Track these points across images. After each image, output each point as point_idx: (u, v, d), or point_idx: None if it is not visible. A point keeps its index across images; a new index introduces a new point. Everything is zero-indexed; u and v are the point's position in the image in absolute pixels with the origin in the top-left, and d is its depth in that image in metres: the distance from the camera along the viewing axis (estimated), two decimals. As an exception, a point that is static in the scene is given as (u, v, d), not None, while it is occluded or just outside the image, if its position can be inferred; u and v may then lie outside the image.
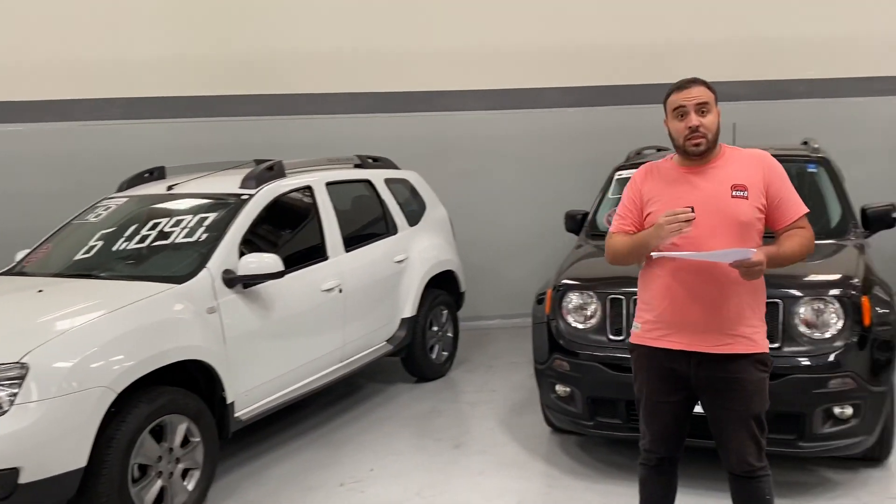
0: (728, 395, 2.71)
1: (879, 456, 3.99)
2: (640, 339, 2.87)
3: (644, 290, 2.88)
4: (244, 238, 4.32)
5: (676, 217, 2.58)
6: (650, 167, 2.90)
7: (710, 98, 2.72)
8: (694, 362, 2.73)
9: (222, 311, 3.99)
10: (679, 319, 2.73)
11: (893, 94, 7.83)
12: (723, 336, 2.69)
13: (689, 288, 2.69)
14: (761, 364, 2.74)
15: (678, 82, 2.78)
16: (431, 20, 7.49)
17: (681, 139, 2.72)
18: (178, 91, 7.23)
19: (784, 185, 2.76)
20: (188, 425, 3.73)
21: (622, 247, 2.85)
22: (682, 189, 2.74)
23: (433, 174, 7.02)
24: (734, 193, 2.67)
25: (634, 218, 2.86)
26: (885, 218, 4.64)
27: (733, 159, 2.77)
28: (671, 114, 2.75)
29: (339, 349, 4.91)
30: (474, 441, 4.70)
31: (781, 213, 2.75)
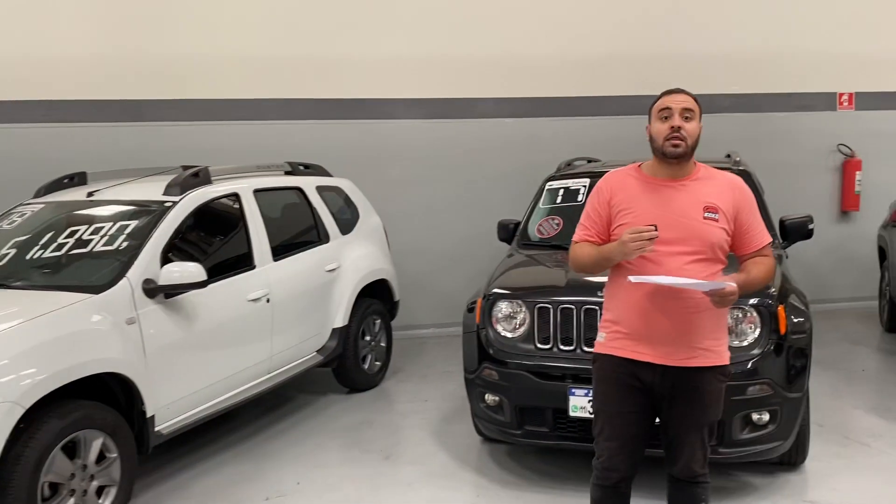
0: (688, 404, 2.74)
1: (796, 460, 4.11)
2: (605, 348, 2.83)
3: (610, 300, 2.85)
4: (167, 246, 4.19)
5: (640, 235, 2.56)
6: (617, 176, 2.86)
7: (695, 108, 2.73)
8: (659, 372, 2.72)
9: (142, 322, 3.87)
10: (647, 331, 2.71)
11: (814, 110, 8.16)
12: (689, 349, 2.69)
13: (658, 300, 2.68)
14: (723, 375, 2.79)
15: (665, 90, 2.79)
16: (369, 27, 7.45)
17: (661, 139, 2.69)
18: (104, 94, 7.01)
19: (753, 213, 2.80)
20: (104, 440, 3.59)
21: (587, 258, 2.82)
22: (654, 201, 2.72)
23: (368, 182, 6.98)
24: (706, 215, 2.68)
25: (599, 228, 2.83)
26: (802, 229, 4.82)
27: (708, 178, 2.78)
28: (656, 116, 2.74)
29: (266, 360, 4.81)
30: (404, 452, 4.66)
31: (748, 239, 2.78)
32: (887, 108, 8.17)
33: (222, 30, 7.21)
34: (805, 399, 3.85)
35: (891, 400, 5.29)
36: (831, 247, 8.25)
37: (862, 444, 4.51)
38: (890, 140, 8.09)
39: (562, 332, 3.92)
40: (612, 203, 2.80)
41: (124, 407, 3.83)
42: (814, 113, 8.14)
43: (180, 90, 7.19)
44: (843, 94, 8.20)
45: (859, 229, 8.16)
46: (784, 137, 8.07)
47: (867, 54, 8.09)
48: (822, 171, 8.23)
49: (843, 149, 8.16)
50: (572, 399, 3.79)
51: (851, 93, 8.19)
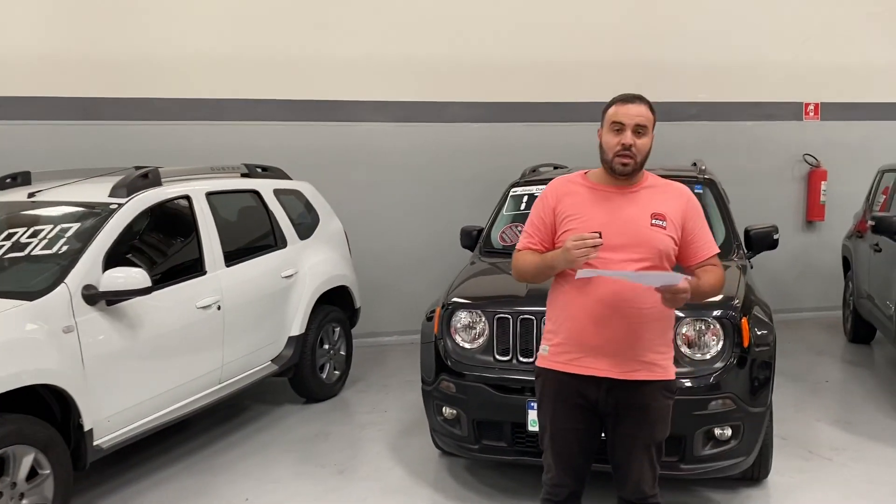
0: (634, 422, 2.66)
1: (759, 475, 4.03)
2: (548, 362, 2.73)
3: (553, 311, 2.76)
4: (112, 251, 3.99)
5: (584, 242, 2.48)
6: (563, 184, 2.77)
7: (649, 122, 2.64)
8: (604, 388, 2.64)
9: (81, 331, 3.67)
10: (591, 343, 2.62)
11: (781, 120, 8.16)
12: (634, 362, 2.62)
13: (603, 311, 2.58)
14: (668, 391, 2.70)
15: (623, 95, 2.67)
16: (335, 28, 7.30)
17: (610, 154, 2.62)
18: (57, 91, 6.77)
19: (700, 223, 2.74)
20: (36, 456, 3.39)
21: (530, 266, 2.72)
22: (601, 209, 2.65)
23: (332, 186, 6.82)
24: (653, 222, 2.62)
25: (543, 236, 2.74)
26: (767, 239, 4.76)
27: (655, 187, 2.72)
28: (608, 127, 2.65)
29: (217, 370, 4.63)
30: (360, 466, 4.50)
31: (694, 249, 2.72)
32: (853, 119, 8.20)
33: (184, 27, 7.00)
34: (768, 413, 3.77)
35: (853, 412, 5.26)
36: (797, 256, 8.26)
37: (824, 458, 4.45)
38: (855, 150, 8.11)
39: (521, 344, 3.80)
40: (556, 210, 2.71)
41: (60, 420, 3.63)
42: (780, 122, 8.15)
43: (140, 88, 6.97)
44: (809, 104, 8.22)
45: (825, 239, 8.18)
46: (751, 146, 8.07)
47: (833, 65, 8.12)
48: (788, 181, 8.24)
49: (809, 159, 8.17)
50: (531, 413, 3.67)
51: (818, 103, 8.21)
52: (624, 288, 2.55)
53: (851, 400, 5.57)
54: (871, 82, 8.20)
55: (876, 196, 6.83)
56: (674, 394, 2.74)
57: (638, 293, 2.55)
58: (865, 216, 6.64)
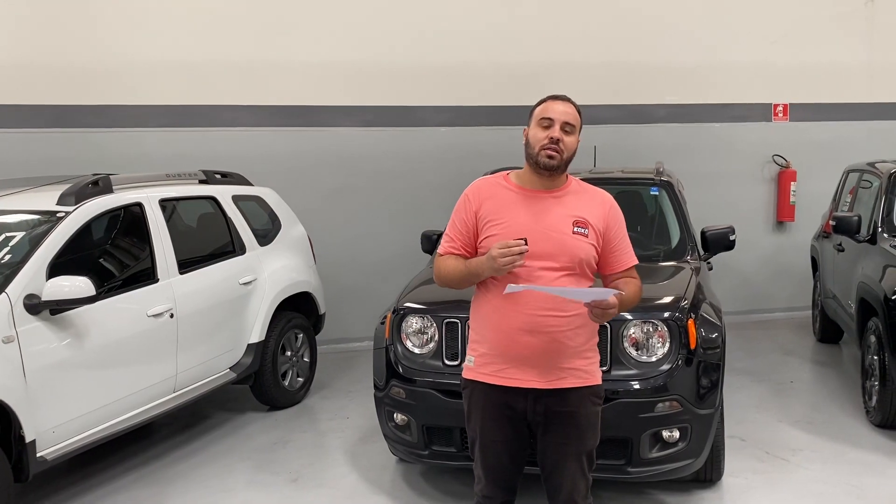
0: (563, 431, 2.62)
1: (712, 477, 4.02)
2: (474, 374, 2.68)
3: (477, 321, 2.70)
4: (58, 260, 3.94)
5: (510, 250, 2.43)
6: (484, 185, 2.71)
7: (577, 122, 2.63)
8: (531, 398, 2.60)
9: (22, 341, 3.62)
10: (515, 353, 2.57)
11: (750, 121, 8.18)
12: (559, 370, 2.58)
13: (527, 320, 2.54)
14: (595, 397, 2.67)
15: (551, 95, 2.68)
16: (298, 34, 7.27)
17: (537, 147, 2.58)
18: (21, 99, 6.72)
19: (621, 233, 2.72)
20: (-28, 469, 3.34)
21: (454, 272, 2.66)
22: (523, 213, 2.59)
23: (300, 191, 6.80)
24: (575, 230, 2.59)
25: (465, 240, 2.67)
26: (724, 240, 4.74)
27: (579, 193, 2.69)
28: (536, 122, 2.62)
29: (171, 378, 4.58)
30: (315, 474, 4.46)
31: (615, 258, 2.69)
32: (821, 120, 8.22)
33: (148, 33, 6.96)
34: (718, 414, 3.75)
35: (815, 412, 5.25)
36: (767, 257, 8.28)
37: (781, 458, 4.44)
38: (824, 151, 8.12)
39: (470, 348, 3.77)
40: (479, 214, 2.65)
41: (0, 432, 3.58)
42: (749, 123, 8.16)
43: (104, 96, 6.93)
44: (778, 105, 8.23)
45: (795, 240, 8.18)
46: (720, 148, 8.07)
47: (801, 66, 8.14)
48: (758, 182, 8.25)
49: (779, 159, 8.19)
50: (478, 417, 3.64)
51: (786, 104, 8.23)
52: (547, 296, 2.51)
53: (815, 400, 5.56)
54: (838, 83, 8.23)
55: (842, 196, 6.85)
56: (601, 399, 2.71)
57: (561, 302, 2.53)
58: (831, 216, 6.66)
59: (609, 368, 3.58)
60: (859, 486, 4.06)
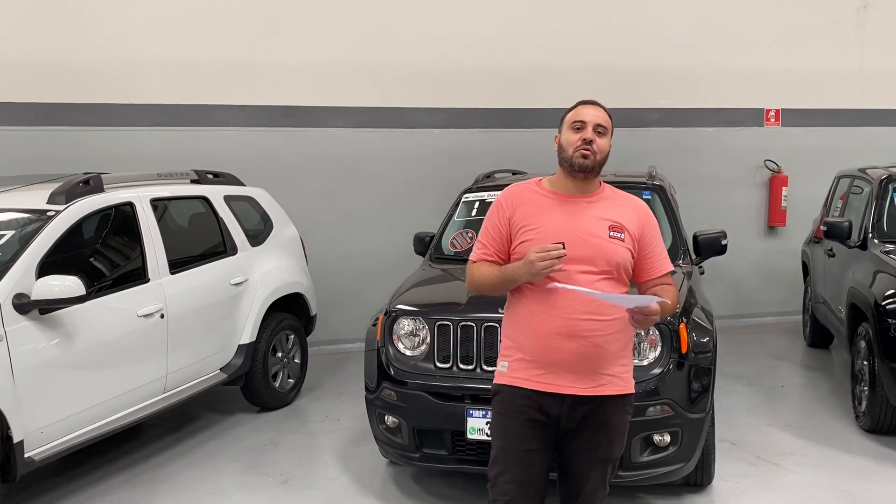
0: (594, 438, 2.57)
1: (702, 482, 4.02)
2: (508, 378, 2.58)
3: (512, 327, 2.63)
4: (48, 259, 3.91)
5: (549, 254, 2.39)
6: (518, 192, 2.68)
7: (609, 125, 2.61)
8: (568, 403, 2.52)
9: (11, 340, 3.59)
10: (554, 358, 2.51)
11: (742, 126, 8.21)
12: (598, 376, 2.52)
13: (567, 326, 2.48)
14: (629, 405, 2.64)
15: (582, 100, 2.66)
16: (294, 32, 7.26)
17: (570, 149, 2.55)
18: (13, 97, 6.68)
19: (656, 238, 2.68)
20: (-41, 470, 3.31)
21: (488, 278, 2.60)
22: (559, 218, 2.56)
23: (292, 192, 6.79)
24: (612, 234, 2.55)
25: (499, 247, 2.62)
26: (715, 244, 4.75)
27: (613, 199, 2.66)
28: (568, 127, 2.60)
29: (161, 379, 4.55)
30: (305, 476, 4.45)
31: (649, 265, 2.65)
32: (813, 125, 8.25)
33: (140, 32, 6.94)
34: (709, 419, 3.76)
35: (805, 417, 5.27)
36: (758, 262, 8.30)
37: (771, 463, 4.45)
38: (815, 156, 8.15)
39: (462, 351, 3.77)
40: (512, 220, 2.60)
41: (-13, 432, 3.55)
42: (741, 128, 8.20)
43: (97, 94, 6.90)
44: (770, 111, 8.27)
45: (786, 244, 8.21)
46: (712, 152, 8.10)
47: (794, 71, 8.17)
48: (749, 187, 8.27)
49: (770, 164, 8.22)
50: (470, 421, 3.64)
51: (778, 109, 8.26)
52: (586, 301, 2.46)
53: (805, 405, 5.58)
54: (831, 89, 8.27)
55: (833, 201, 6.88)
56: (633, 408, 2.66)
57: (601, 306, 2.47)
58: (822, 222, 6.69)
59: (601, 372, 3.57)
60: (848, 490, 4.08)
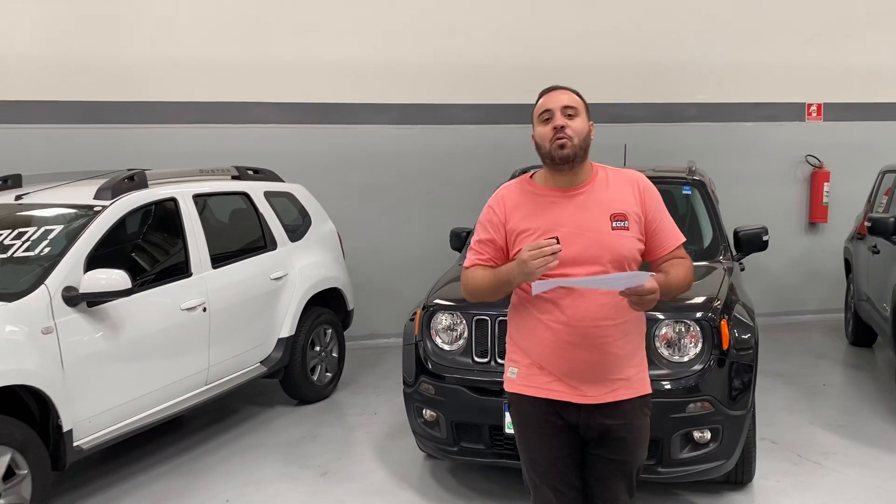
0: (615, 445, 2.46)
1: (742, 479, 3.98)
2: (520, 387, 2.49)
3: (518, 331, 2.52)
4: (95, 253, 4.01)
5: (542, 251, 2.23)
6: (508, 195, 2.52)
7: (578, 104, 2.45)
8: (584, 412, 2.42)
9: (60, 332, 3.69)
10: (565, 368, 2.40)
11: (783, 121, 8.07)
12: (610, 382, 2.41)
13: (574, 332, 2.37)
14: (646, 408, 2.52)
15: (544, 89, 2.53)
16: (332, 29, 7.31)
17: (546, 143, 2.41)
18: (57, 95, 6.83)
19: (661, 210, 2.51)
20: (12, 456, 3.41)
21: (483, 283, 2.46)
22: (554, 217, 2.40)
23: (329, 188, 6.85)
24: (615, 224, 2.39)
25: (494, 252, 2.49)
26: (757, 240, 4.69)
27: (608, 182, 2.48)
28: (537, 120, 2.47)
29: (203, 371, 4.64)
30: (343, 468, 4.50)
31: (659, 241, 2.49)
32: (855, 119, 8.09)
33: (182, 31, 7.05)
34: (750, 416, 3.72)
35: (848, 416, 5.18)
36: (799, 259, 8.17)
37: (813, 462, 4.38)
38: (858, 151, 8.00)
39: (499, 346, 3.78)
40: (508, 227, 2.47)
41: (39, 421, 3.65)
42: (782, 123, 8.05)
43: (138, 92, 7.02)
44: (811, 105, 8.12)
45: (827, 241, 8.06)
46: (752, 148, 7.98)
47: (836, 65, 8.01)
48: (790, 183, 8.14)
49: (812, 160, 8.07)
50: (508, 415, 3.65)
51: (820, 103, 8.11)
52: (592, 306, 2.36)
53: (847, 404, 5.49)
54: (874, 82, 8.09)
55: (877, 197, 6.74)
56: (651, 409, 2.55)
57: (608, 309, 2.37)
58: (866, 218, 6.55)
59: (640, 368, 3.56)
60: (893, 490, 4.00)
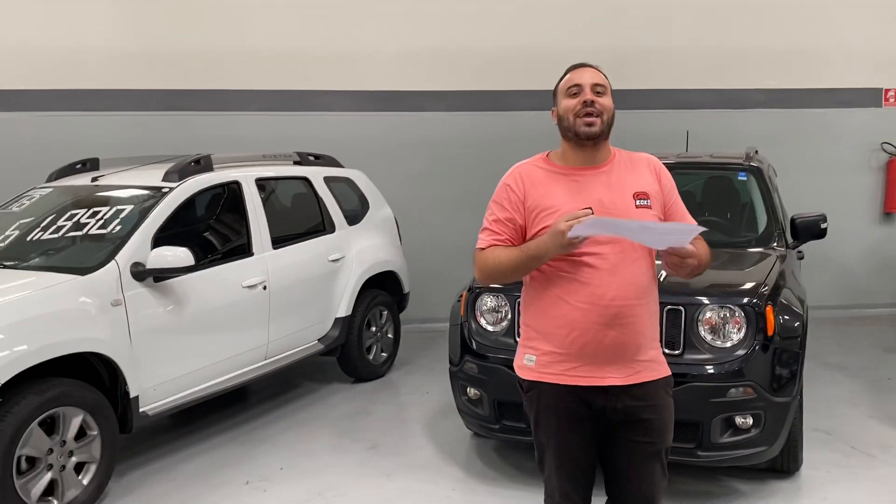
0: (646, 427, 2.38)
1: (789, 468, 3.93)
2: (540, 374, 2.40)
3: (535, 316, 2.43)
4: (162, 231, 4.27)
5: (580, 221, 2.16)
6: (526, 171, 2.44)
7: (606, 84, 2.39)
8: (611, 395, 2.35)
9: (128, 304, 3.95)
10: (591, 349, 2.31)
11: (857, 107, 7.78)
12: (635, 363, 2.35)
13: (602, 312, 2.29)
14: (670, 388, 2.47)
15: (571, 65, 2.45)
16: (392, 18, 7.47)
17: (571, 116, 2.33)
18: (133, 84, 7.21)
19: (675, 192, 2.50)
20: (84, 418, 3.69)
21: (507, 262, 2.35)
22: (577, 195, 2.34)
23: (389, 174, 7.01)
24: (639, 203, 2.34)
25: (512, 231, 2.40)
26: (814, 228, 4.60)
27: (626, 163, 2.44)
28: (563, 94, 2.39)
29: (262, 346, 4.86)
30: (392, 443, 4.65)
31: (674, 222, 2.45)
32: (937, 105, 7.74)
33: (251, 23, 7.33)
34: (795, 404, 3.66)
35: (911, 411, 5.02)
36: (872, 250, 7.88)
37: (867, 454, 4.28)
38: (938, 138, 7.66)
39: (542, 327, 3.84)
40: (527, 204, 2.38)
41: (108, 387, 3.93)
42: (856, 109, 7.76)
43: (209, 80, 7.34)
44: (889, 91, 7.80)
45: (903, 232, 7.77)
46: (823, 134, 7.73)
47: (917, 48, 7.68)
48: (864, 171, 7.84)
49: (888, 147, 7.76)
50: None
51: (899, 89, 7.80)
52: (623, 284, 2.30)
53: (912, 399, 5.31)
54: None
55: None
56: (672, 389, 2.49)
57: (637, 289, 2.32)
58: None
59: (682, 352, 3.57)
60: (951, 487, 3.89)
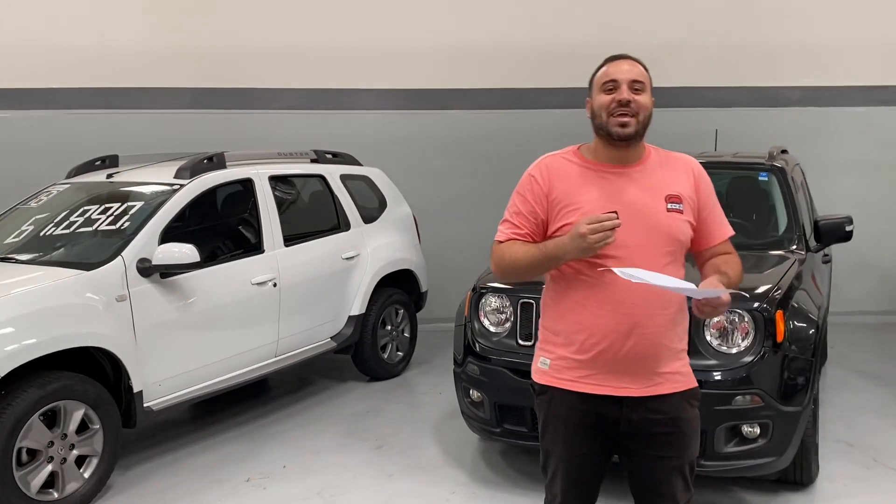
0: (663, 441, 2.26)
1: (801, 480, 3.78)
2: (553, 379, 2.30)
3: (552, 318, 2.34)
4: (171, 228, 4.30)
5: (602, 225, 2.06)
6: (553, 163, 2.33)
7: (646, 79, 2.26)
8: (626, 406, 2.24)
9: (133, 300, 3.99)
10: (609, 358, 2.22)
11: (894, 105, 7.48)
12: (658, 375, 2.24)
13: (625, 319, 2.20)
14: (695, 400, 2.33)
15: (609, 56, 2.33)
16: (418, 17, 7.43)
17: (604, 114, 2.22)
18: (160, 82, 7.30)
19: (714, 199, 2.37)
20: (86, 412, 3.73)
21: (524, 258, 2.25)
22: (606, 193, 2.23)
23: (410, 173, 6.97)
24: (670, 206, 2.24)
25: (534, 227, 2.30)
26: (838, 231, 4.42)
27: (661, 163, 2.32)
28: (598, 88, 2.27)
29: (272, 343, 4.87)
30: (398, 443, 4.61)
31: (708, 230, 2.34)
32: (984, 103, 7.38)
33: (281, 21, 7.36)
34: (807, 414, 3.51)
35: (942, 423, 4.78)
36: (915, 254, 7.56)
37: (890, 468, 4.09)
38: None
39: (544, 329, 3.75)
40: (551, 198, 2.27)
41: (112, 382, 3.96)
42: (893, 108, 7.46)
43: (240, 80, 7.40)
44: (934, 88, 7.47)
45: (949, 236, 7.42)
46: (861, 134, 7.43)
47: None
48: (905, 171, 7.54)
49: (931, 147, 7.44)
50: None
51: (945, 86, 7.46)
52: (648, 290, 2.15)
53: (946, 410, 5.06)
54: None
55: None
56: (699, 401, 2.34)
57: (664, 296, 2.20)
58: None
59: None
60: (975, 504, 3.69)
